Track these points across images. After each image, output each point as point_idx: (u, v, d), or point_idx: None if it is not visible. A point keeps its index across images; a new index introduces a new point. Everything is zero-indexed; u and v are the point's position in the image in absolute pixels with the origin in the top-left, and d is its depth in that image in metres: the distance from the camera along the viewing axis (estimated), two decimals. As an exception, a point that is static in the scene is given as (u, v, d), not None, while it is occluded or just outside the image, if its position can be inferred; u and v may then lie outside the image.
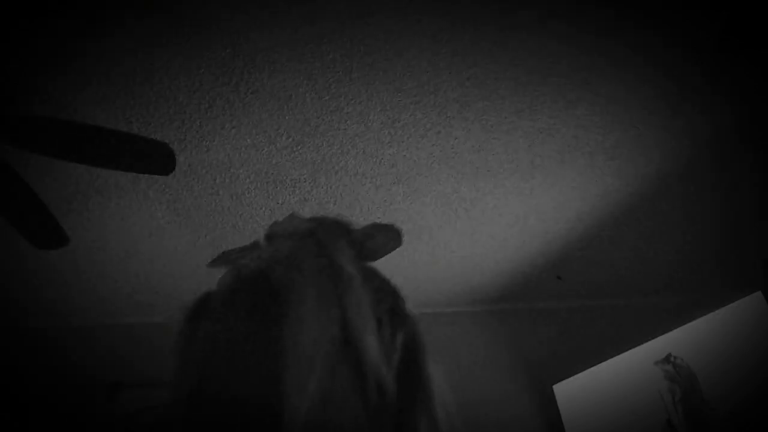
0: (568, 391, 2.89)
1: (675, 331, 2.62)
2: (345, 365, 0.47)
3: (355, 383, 0.47)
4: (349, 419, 0.46)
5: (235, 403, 0.45)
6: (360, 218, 2.49)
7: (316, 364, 0.46)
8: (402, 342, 0.55)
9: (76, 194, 2.25)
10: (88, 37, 1.67)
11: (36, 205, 1.84)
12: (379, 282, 0.59)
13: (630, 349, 2.73)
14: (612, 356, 2.78)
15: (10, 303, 2.98)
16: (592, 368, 2.83)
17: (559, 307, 3.25)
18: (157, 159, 1.72)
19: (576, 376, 2.87)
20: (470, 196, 2.41)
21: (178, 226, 2.48)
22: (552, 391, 2.93)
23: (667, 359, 2.60)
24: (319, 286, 0.50)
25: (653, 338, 2.67)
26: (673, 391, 2.53)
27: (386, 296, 0.58)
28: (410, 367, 0.54)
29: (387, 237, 0.62)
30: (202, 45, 1.72)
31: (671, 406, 2.52)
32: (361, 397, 0.47)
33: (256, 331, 0.48)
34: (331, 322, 0.48)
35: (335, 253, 0.54)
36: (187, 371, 0.50)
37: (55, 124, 1.63)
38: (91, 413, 2.83)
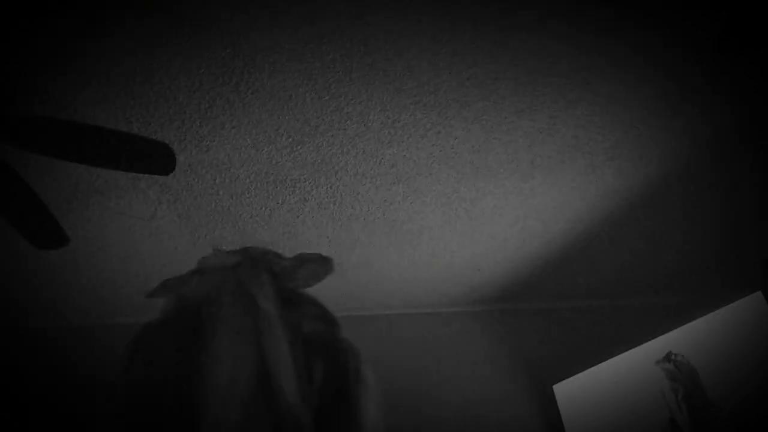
0: (568, 391, 2.89)
1: (675, 331, 2.62)
2: (261, 403, 0.48)
3: (270, 421, 0.48)
4: None
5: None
6: (360, 218, 2.50)
7: (230, 401, 0.47)
8: (322, 376, 0.54)
9: (76, 194, 2.25)
10: (88, 37, 1.67)
11: (36, 205, 1.84)
12: (308, 311, 0.60)
13: (630, 349, 2.73)
14: (612, 356, 2.78)
15: (10, 303, 2.97)
16: (592, 368, 2.83)
17: (559, 307, 3.25)
18: (157, 159, 1.72)
19: (576, 376, 2.87)
20: (470, 196, 2.41)
21: (178, 226, 2.49)
22: (552, 391, 2.93)
23: (668, 357, 2.60)
24: (235, 323, 0.52)
25: (653, 338, 2.67)
26: (675, 390, 2.53)
27: (313, 326, 0.58)
28: (333, 401, 0.55)
29: (317, 266, 0.63)
30: (202, 45, 1.72)
31: (674, 404, 2.52)
32: None
33: (179, 365, 0.52)
34: (247, 360, 0.50)
35: (254, 289, 0.55)
36: (123, 392, 0.54)
37: (55, 124, 1.63)
38: (91, 413, 2.83)
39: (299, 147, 2.11)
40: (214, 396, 0.47)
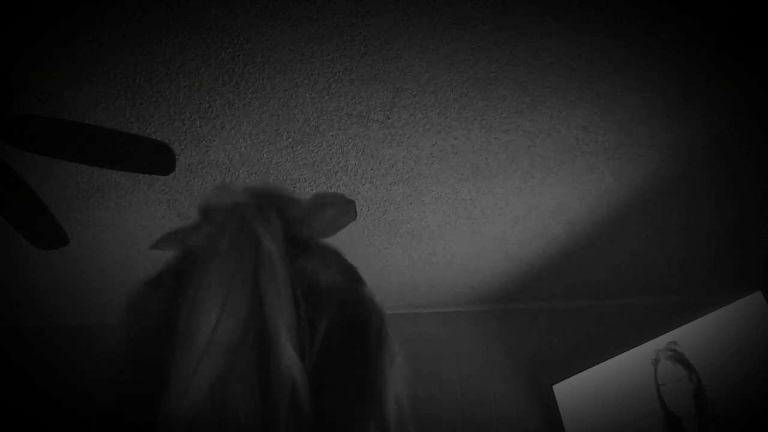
0: (568, 391, 2.89)
1: (675, 331, 2.62)
2: (248, 356, 0.40)
3: (258, 378, 0.40)
4: (246, 417, 0.39)
5: (129, 388, 0.44)
6: (360, 218, 2.49)
7: (210, 351, 0.39)
8: (326, 326, 0.45)
9: (76, 194, 2.25)
10: (88, 36, 1.67)
11: (36, 205, 1.84)
12: (327, 262, 0.51)
13: (630, 349, 2.73)
14: (612, 356, 2.78)
15: (10, 303, 2.98)
16: (592, 368, 2.83)
17: (560, 307, 3.25)
18: (157, 159, 1.72)
19: (576, 376, 2.87)
20: (470, 196, 2.41)
21: (178, 226, 2.48)
22: (552, 391, 2.93)
23: (669, 348, 2.60)
24: (228, 264, 0.43)
25: (653, 338, 2.68)
26: (691, 379, 2.50)
27: (332, 278, 0.49)
28: (338, 360, 0.45)
29: (337, 212, 0.54)
30: (202, 45, 1.72)
31: (687, 396, 2.50)
32: (266, 395, 0.40)
33: (163, 313, 0.45)
34: (237, 306, 0.41)
35: (258, 227, 0.45)
36: (117, 355, 0.47)
37: (55, 124, 1.63)
38: (91, 413, 2.83)
39: (299, 147, 2.11)
40: (191, 347, 0.40)
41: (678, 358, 2.56)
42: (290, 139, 2.08)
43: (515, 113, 2.02)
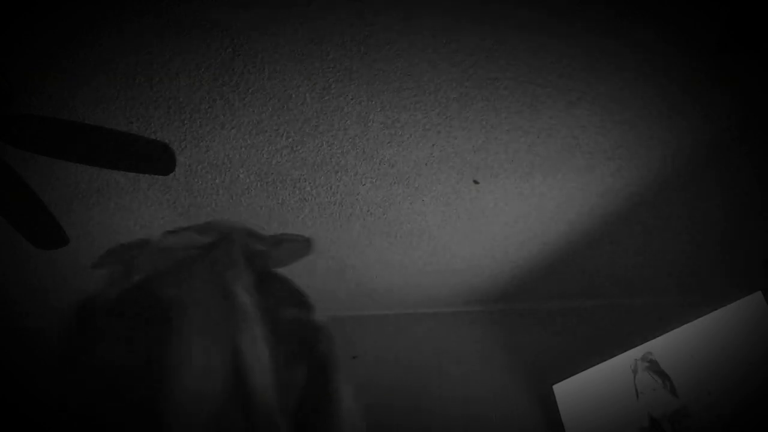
0: (568, 391, 2.89)
1: (675, 330, 2.62)
2: (234, 408, 0.42)
3: (245, 427, 0.41)
4: None
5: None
6: (360, 218, 2.49)
7: (200, 403, 0.41)
8: (305, 376, 0.49)
9: (76, 194, 2.25)
10: (88, 36, 1.67)
11: (36, 205, 1.84)
12: (281, 294, 0.54)
13: (630, 349, 2.73)
14: (612, 356, 2.78)
15: (10, 303, 2.97)
16: (592, 368, 2.83)
17: (559, 307, 3.25)
18: (157, 159, 1.72)
19: (576, 376, 2.87)
20: (470, 196, 2.41)
21: (178, 226, 2.48)
22: (552, 391, 2.93)
23: (645, 359, 2.66)
24: (208, 315, 0.45)
25: (653, 338, 2.68)
26: (665, 386, 2.57)
27: (289, 313, 0.52)
28: (314, 402, 0.49)
29: (294, 246, 0.59)
30: (202, 45, 1.72)
31: (667, 397, 2.55)
32: None
33: (140, 356, 0.45)
34: (220, 356, 0.43)
35: (230, 276, 0.47)
36: (71, 390, 0.47)
37: (55, 124, 1.63)
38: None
39: (299, 147, 2.11)
40: (181, 398, 0.40)
41: (654, 369, 2.62)
42: (290, 139, 2.08)
43: (515, 113, 2.03)
